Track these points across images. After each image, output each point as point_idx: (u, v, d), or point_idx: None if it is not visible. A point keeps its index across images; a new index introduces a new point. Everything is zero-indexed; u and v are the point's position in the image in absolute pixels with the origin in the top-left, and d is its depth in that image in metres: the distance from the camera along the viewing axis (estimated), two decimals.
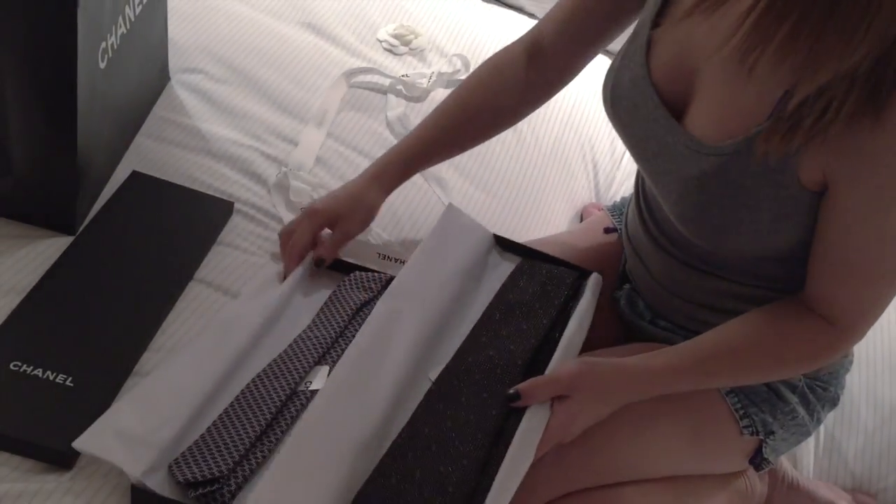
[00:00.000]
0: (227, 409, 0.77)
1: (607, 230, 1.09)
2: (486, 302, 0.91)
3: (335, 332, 0.87)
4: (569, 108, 1.42)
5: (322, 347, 0.85)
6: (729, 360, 0.83)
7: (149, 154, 1.08)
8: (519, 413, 0.78)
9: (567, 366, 0.81)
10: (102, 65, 0.92)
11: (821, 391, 0.92)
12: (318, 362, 0.84)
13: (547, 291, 0.92)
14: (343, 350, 0.85)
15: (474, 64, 1.36)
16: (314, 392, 0.80)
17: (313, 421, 0.74)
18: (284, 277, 0.93)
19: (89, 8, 0.84)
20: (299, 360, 0.83)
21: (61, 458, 0.74)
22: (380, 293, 0.91)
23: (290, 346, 0.85)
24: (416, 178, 1.06)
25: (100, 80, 0.92)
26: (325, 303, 0.92)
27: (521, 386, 0.79)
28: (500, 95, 0.98)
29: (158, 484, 0.70)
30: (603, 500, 0.86)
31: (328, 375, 0.81)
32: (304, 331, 0.87)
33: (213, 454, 0.72)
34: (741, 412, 0.89)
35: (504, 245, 1.01)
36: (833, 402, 0.95)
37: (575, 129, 1.40)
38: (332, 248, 0.95)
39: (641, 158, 0.86)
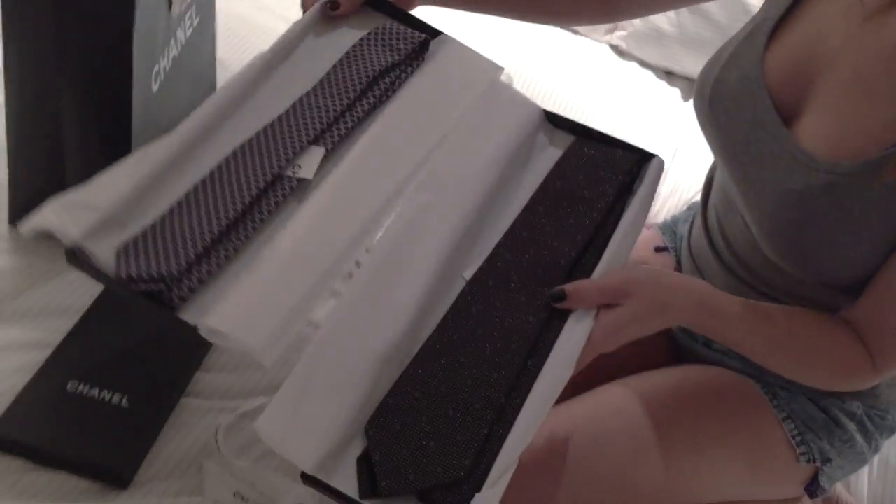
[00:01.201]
0: (195, 186, 0.66)
1: (657, 249, 1.07)
2: (533, 189, 0.79)
3: (344, 102, 0.74)
4: (613, 120, 1.41)
5: (324, 120, 0.72)
6: (790, 336, 0.77)
7: None
8: (560, 320, 0.69)
9: (624, 271, 0.72)
10: (155, 87, 0.93)
11: (879, 420, 0.90)
12: (315, 140, 0.71)
13: (599, 179, 0.80)
14: (349, 127, 0.74)
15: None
16: (301, 181, 0.70)
17: (331, 331, 0.64)
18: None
19: (144, 32, 0.85)
20: (292, 134, 0.71)
21: (117, 479, 0.75)
22: (410, 57, 0.80)
23: (288, 111, 0.73)
24: None
25: (153, 102, 0.93)
26: (341, 58, 0.78)
27: (568, 286, 0.69)
28: None
29: (98, 252, 0.60)
30: None
31: (323, 161, 0.70)
32: (307, 93, 0.75)
33: (167, 244, 0.62)
34: (798, 439, 0.87)
35: (556, 122, 0.86)
36: (891, 430, 0.92)
37: None
38: None
39: (733, 163, 0.82)
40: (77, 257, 0.61)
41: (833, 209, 0.73)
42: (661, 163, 0.83)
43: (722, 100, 0.82)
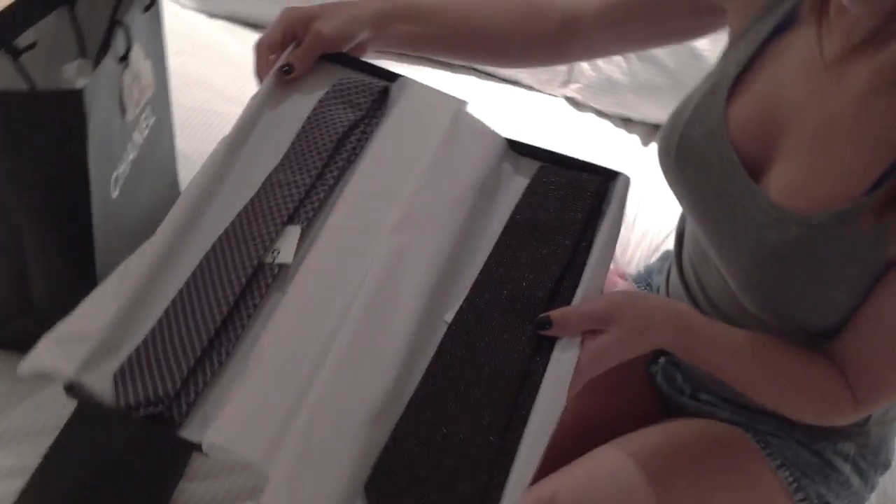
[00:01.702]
0: (179, 292, 0.66)
1: None
2: (503, 222, 0.79)
3: (312, 173, 0.74)
4: None
5: (295, 197, 0.72)
6: (787, 362, 0.77)
7: None
8: (545, 352, 0.69)
9: (607, 297, 0.71)
10: (115, 194, 0.92)
11: (872, 457, 0.90)
12: (291, 219, 0.71)
13: (568, 206, 0.79)
14: (321, 198, 0.74)
15: None
16: (282, 266, 0.69)
17: (318, 401, 0.64)
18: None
19: (98, 142, 0.84)
20: (265, 218, 0.70)
21: None
22: (372, 108, 0.80)
23: (259, 193, 0.72)
24: None
25: (113, 209, 0.92)
26: (303, 125, 0.78)
27: (553, 313, 0.69)
28: (521, 23, 0.92)
29: (94, 383, 0.61)
30: None
31: (307, 240, 0.70)
32: (275, 169, 0.74)
33: (161, 363, 0.62)
34: (795, 486, 0.86)
35: (519, 149, 0.85)
36: (885, 466, 0.92)
37: None
38: (303, 53, 0.82)
39: (705, 218, 0.82)
40: (75, 391, 0.61)
41: (809, 261, 0.73)
42: (627, 180, 0.82)
43: (689, 156, 0.82)
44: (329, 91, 0.82)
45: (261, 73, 0.84)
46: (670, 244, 1.11)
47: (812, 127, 0.74)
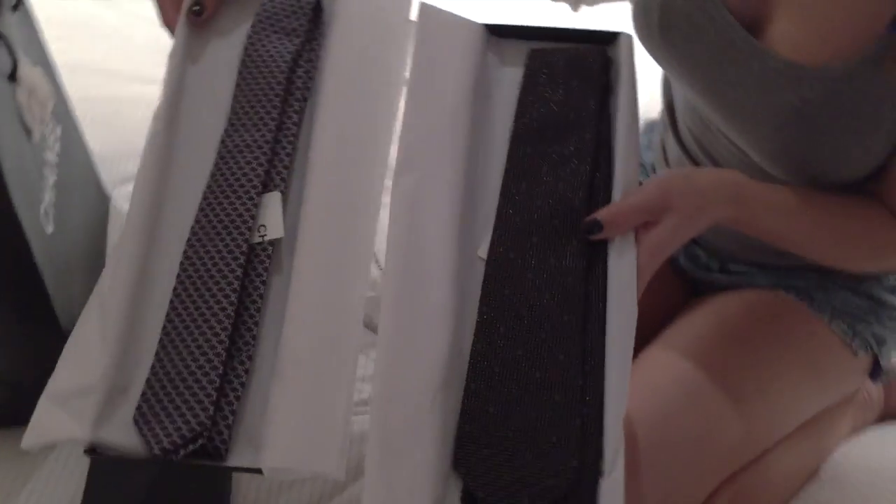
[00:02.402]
0: (172, 306, 0.59)
1: None
2: (507, 126, 0.70)
3: (271, 126, 0.66)
4: None
5: (262, 160, 0.64)
6: (842, 214, 0.71)
7: None
8: (599, 262, 0.63)
9: (655, 183, 0.65)
10: (50, 229, 0.80)
11: None
12: (265, 186, 0.64)
13: (576, 92, 0.70)
14: (290, 152, 0.66)
15: None
16: (274, 242, 0.62)
17: (383, 380, 0.58)
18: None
19: (15, 176, 0.71)
20: (236, 194, 0.62)
21: None
22: (310, 30, 0.71)
23: (216, 168, 0.64)
24: None
25: (52, 245, 0.80)
26: (239, 71, 0.68)
27: (602, 213, 0.63)
28: None
29: (115, 437, 0.55)
30: (753, 476, 0.80)
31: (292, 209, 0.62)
32: (225, 134, 0.66)
33: (181, 390, 0.56)
34: (849, 333, 0.83)
35: (501, 32, 0.75)
36: None
37: None
38: None
39: (709, 94, 0.74)
40: (98, 452, 0.54)
41: (838, 115, 0.67)
42: (629, 39, 0.73)
43: (676, 27, 0.74)
44: (254, 23, 0.71)
45: (169, 21, 0.72)
46: (650, 114, 1.03)
47: None
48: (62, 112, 0.91)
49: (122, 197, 1.08)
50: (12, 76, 0.72)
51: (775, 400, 0.80)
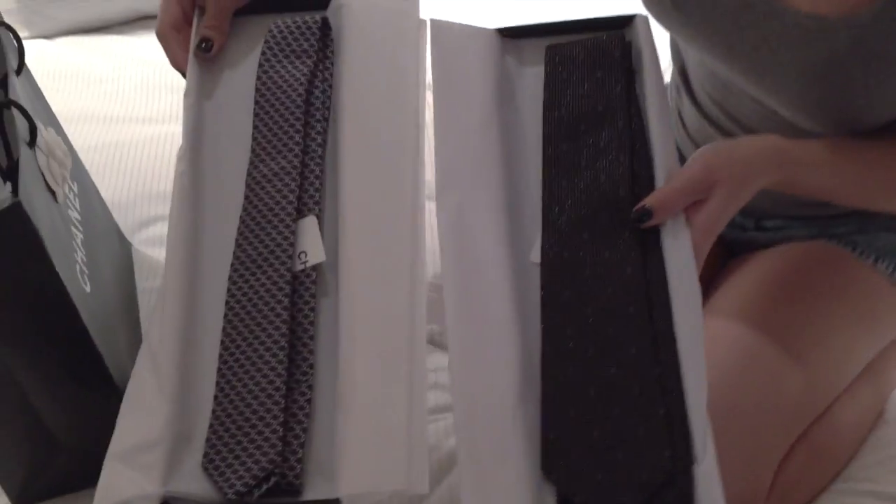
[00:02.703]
0: (223, 346, 0.59)
1: None
2: (537, 127, 0.70)
3: (296, 151, 0.65)
4: None
5: (292, 186, 0.63)
6: (885, 156, 0.71)
7: None
8: (655, 249, 0.63)
9: (698, 161, 0.65)
10: (88, 288, 0.79)
11: None
12: (299, 213, 0.63)
13: (602, 82, 0.69)
14: (319, 177, 0.65)
15: None
16: (316, 267, 0.62)
17: (461, 395, 0.58)
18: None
19: (53, 242, 0.70)
20: (272, 224, 0.61)
21: None
22: (320, 50, 0.71)
23: (248, 200, 0.63)
24: None
25: (93, 304, 0.79)
26: (256, 100, 0.68)
27: (651, 200, 0.63)
28: None
29: (189, 487, 0.54)
30: (823, 429, 0.80)
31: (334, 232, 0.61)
32: (251, 165, 0.65)
33: (246, 430, 0.55)
34: None
35: (514, 34, 0.75)
36: None
37: None
38: (216, 19, 0.70)
39: (731, 56, 0.74)
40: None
41: (870, 61, 0.67)
42: (645, 19, 0.73)
43: None
44: (264, 50, 0.70)
45: (178, 62, 0.71)
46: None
47: None
48: (76, 168, 0.89)
49: (142, 242, 1.06)
50: (31, 142, 0.71)
51: (833, 350, 0.81)
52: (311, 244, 0.62)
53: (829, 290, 0.83)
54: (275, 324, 0.58)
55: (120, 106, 1.24)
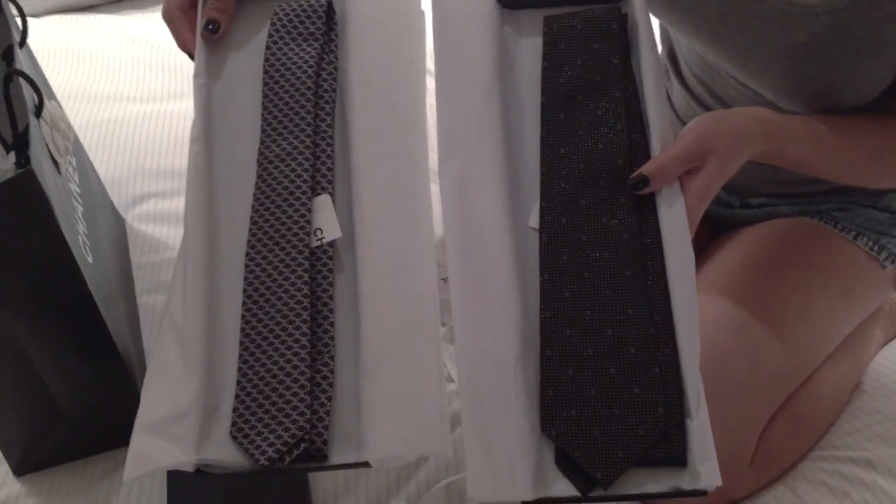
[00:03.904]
0: (244, 321, 0.61)
1: None
2: (536, 96, 0.72)
3: (308, 131, 0.67)
4: None
5: (306, 165, 0.65)
6: (865, 132, 0.74)
7: (158, 309, 0.97)
8: (650, 215, 0.65)
9: (692, 131, 0.66)
10: (90, 259, 0.80)
11: None
12: (313, 190, 0.65)
13: (599, 53, 0.71)
14: (330, 156, 0.67)
15: None
16: (332, 243, 0.64)
17: (466, 359, 0.60)
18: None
19: (60, 211, 0.71)
20: (287, 202, 0.64)
21: None
22: (326, 32, 0.73)
23: (261, 180, 0.65)
24: None
25: (96, 275, 0.80)
26: (265, 81, 0.70)
27: (648, 167, 0.65)
28: None
29: (218, 455, 0.57)
30: (805, 397, 0.84)
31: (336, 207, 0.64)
32: (263, 146, 0.67)
33: (273, 400, 0.57)
34: (876, 248, 0.87)
35: (511, 4, 0.77)
36: None
37: None
38: (221, 1, 0.72)
39: (717, 41, 0.77)
40: (205, 473, 0.56)
41: (848, 42, 0.70)
42: None
43: None
44: (271, 32, 0.72)
45: (186, 43, 0.72)
46: None
47: None
48: (75, 142, 0.90)
49: (135, 218, 1.07)
50: (38, 113, 0.72)
51: (814, 322, 0.84)
52: (326, 221, 0.63)
53: (811, 264, 0.86)
54: (296, 298, 0.60)
55: (111, 84, 1.24)
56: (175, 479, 0.79)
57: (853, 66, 0.71)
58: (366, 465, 0.56)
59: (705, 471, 0.56)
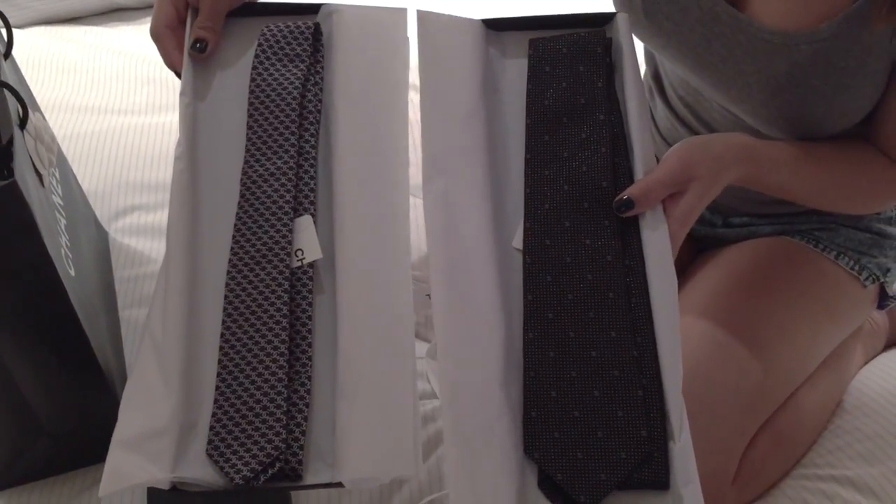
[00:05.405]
0: (223, 340, 0.61)
1: None
2: (521, 117, 0.72)
3: (291, 152, 0.66)
4: None
5: (288, 186, 0.65)
6: (841, 160, 0.76)
7: (140, 323, 0.96)
8: (634, 237, 0.66)
9: (674, 156, 0.67)
10: (72, 272, 0.79)
11: None
12: (295, 212, 0.65)
13: (583, 77, 0.72)
14: (313, 177, 0.67)
15: None
16: (312, 264, 0.64)
17: (448, 379, 0.60)
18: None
19: (43, 223, 0.70)
20: (268, 223, 0.63)
21: None
22: (312, 55, 0.73)
23: (244, 199, 0.65)
24: None
25: (78, 288, 0.79)
26: (250, 101, 0.69)
27: (633, 190, 0.65)
28: None
29: (194, 473, 0.56)
30: (786, 416, 0.84)
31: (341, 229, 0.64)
32: (247, 165, 0.66)
33: (250, 419, 0.57)
34: (856, 268, 0.88)
35: (498, 26, 0.77)
36: None
37: None
38: (209, 19, 0.71)
39: (700, 68, 0.78)
40: (180, 490, 0.56)
41: (828, 73, 0.71)
42: (626, 17, 0.76)
43: (659, 8, 0.77)
44: (257, 52, 0.72)
45: (173, 62, 0.72)
46: None
47: None
48: (58, 154, 0.90)
49: (118, 231, 1.06)
50: (22, 124, 0.71)
51: (796, 341, 0.85)
52: (307, 242, 0.64)
53: (792, 283, 0.87)
54: (275, 318, 0.60)
55: (95, 96, 1.24)
56: (155, 494, 0.78)
57: (833, 96, 0.72)
58: (339, 485, 0.56)
59: (688, 493, 0.56)
